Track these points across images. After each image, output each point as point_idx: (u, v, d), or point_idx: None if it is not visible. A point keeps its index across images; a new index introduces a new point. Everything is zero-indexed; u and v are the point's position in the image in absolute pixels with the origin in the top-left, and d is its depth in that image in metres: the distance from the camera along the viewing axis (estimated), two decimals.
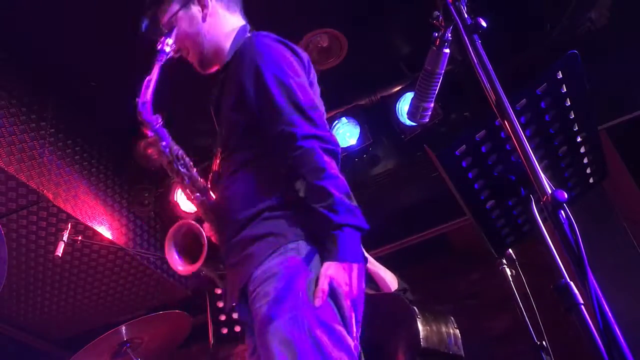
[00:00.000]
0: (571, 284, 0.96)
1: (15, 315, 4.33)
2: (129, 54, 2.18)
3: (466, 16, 1.14)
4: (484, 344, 3.79)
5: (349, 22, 3.34)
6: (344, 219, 1.38)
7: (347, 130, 3.70)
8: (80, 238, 3.14)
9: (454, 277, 4.39)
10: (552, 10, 3.26)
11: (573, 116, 1.35)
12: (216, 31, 1.81)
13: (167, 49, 1.73)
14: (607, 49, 3.26)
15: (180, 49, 1.83)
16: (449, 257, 4.55)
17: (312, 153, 1.45)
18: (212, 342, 2.71)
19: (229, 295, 1.59)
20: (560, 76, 1.28)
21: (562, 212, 0.95)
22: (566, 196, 0.95)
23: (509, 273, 2.62)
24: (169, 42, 1.73)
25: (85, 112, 3.64)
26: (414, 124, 2.97)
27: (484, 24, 1.11)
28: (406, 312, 2.24)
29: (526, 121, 1.29)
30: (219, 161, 1.74)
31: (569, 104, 1.32)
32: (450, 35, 1.25)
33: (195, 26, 1.80)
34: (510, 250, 2.62)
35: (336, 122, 3.68)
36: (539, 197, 0.98)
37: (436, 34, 1.29)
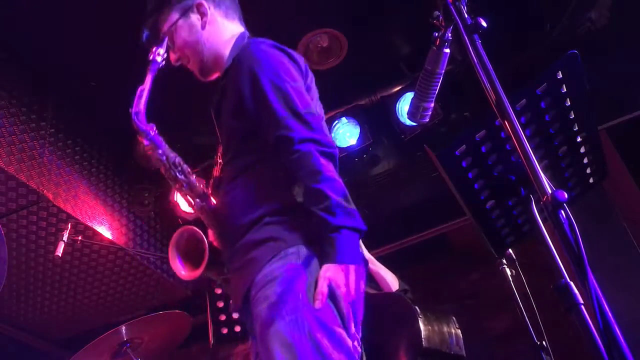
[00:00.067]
0: (571, 284, 0.96)
1: (15, 315, 4.33)
2: (129, 54, 2.18)
3: (466, 16, 1.14)
4: (484, 344, 3.79)
5: (349, 22, 3.34)
6: (341, 221, 1.38)
7: (347, 130, 3.69)
8: (80, 238, 3.14)
9: (454, 277, 4.39)
10: (552, 10, 3.26)
11: (573, 116, 1.35)
12: (215, 39, 1.82)
13: (159, 59, 1.74)
14: (607, 49, 3.26)
15: (180, 57, 1.84)
16: (449, 257, 4.55)
17: (309, 156, 1.45)
18: (212, 342, 2.71)
19: (234, 300, 1.61)
20: (560, 76, 1.28)
21: (562, 212, 0.95)
22: (566, 196, 0.95)
23: (509, 273, 2.62)
24: (160, 52, 1.74)
25: (85, 112, 3.64)
26: (414, 124, 2.97)
27: (484, 24, 1.11)
28: (408, 311, 2.23)
29: (526, 121, 1.30)
30: (219, 167, 1.74)
31: (569, 104, 1.33)
32: (450, 35, 1.25)
33: (195, 34, 1.81)
34: (510, 250, 2.62)
35: (336, 122, 3.68)
36: (539, 197, 0.98)
37: (436, 34, 1.29)
